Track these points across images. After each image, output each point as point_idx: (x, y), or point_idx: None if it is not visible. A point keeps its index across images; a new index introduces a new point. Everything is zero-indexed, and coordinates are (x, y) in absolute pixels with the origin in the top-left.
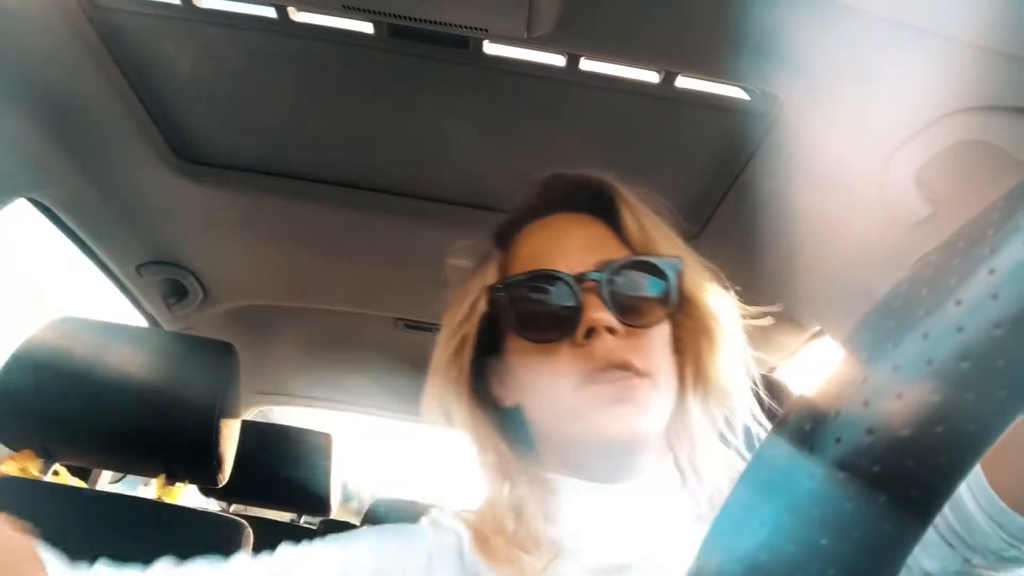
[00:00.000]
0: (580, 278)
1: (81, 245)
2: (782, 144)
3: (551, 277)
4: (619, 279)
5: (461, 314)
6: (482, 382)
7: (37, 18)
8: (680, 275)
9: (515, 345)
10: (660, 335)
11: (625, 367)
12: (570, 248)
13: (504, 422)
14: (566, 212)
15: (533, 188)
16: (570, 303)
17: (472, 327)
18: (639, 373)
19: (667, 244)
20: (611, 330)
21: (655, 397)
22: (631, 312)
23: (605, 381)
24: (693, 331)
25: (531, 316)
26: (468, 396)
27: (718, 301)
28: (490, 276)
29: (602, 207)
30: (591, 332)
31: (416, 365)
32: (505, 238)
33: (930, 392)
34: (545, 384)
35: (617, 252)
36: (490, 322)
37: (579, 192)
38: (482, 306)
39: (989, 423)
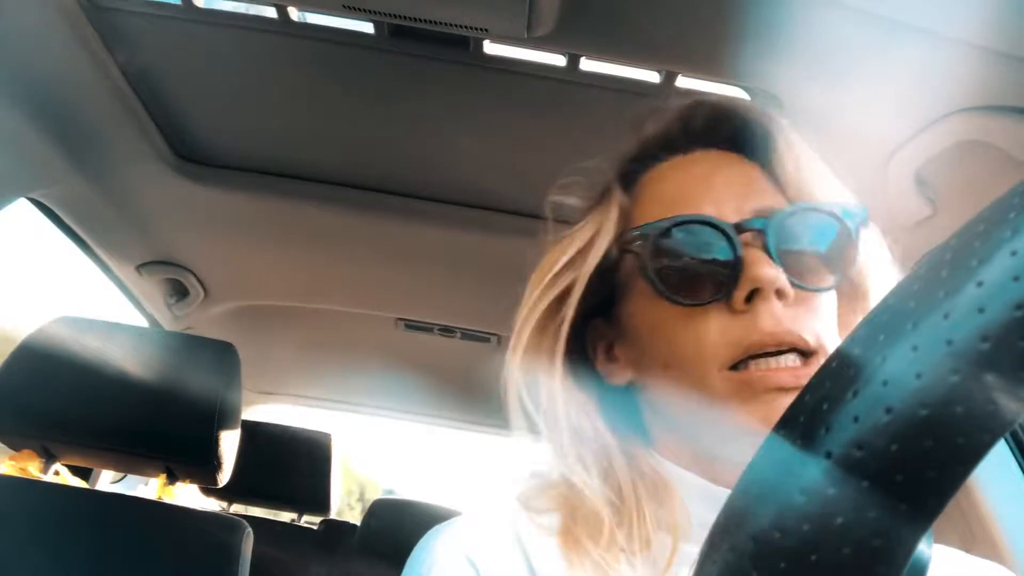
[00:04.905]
0: (740, 227)
1: (81, 245)
2: None
3: (703, 223)
4: (789, 229)
5: (566, 258)
6: (580, 353)
7: (37, 18)
8: (861, 228)
9: (642, 308)
10: (830, 302)
11: (796, 346)
12: (720, 192)
13: (606, 402)
14: (709, 149)
15: (669, 115)
16: (728, 257)
17: (582, 277)
18: (809, 353)
19: (835, 196)
20: (780, 293)
21: None
22: (803, 271)
23: (773, 364)
24: (851, 308)
25: (677, 271)
26: (562, 368)
27: (887, 277)
28: (611, 217)
29: (754, 144)
30: (754, 295)
31: (416, 365)
32: (629, 176)
33: (950, 372)
34: (688, 360)
35: (777, 200)
36: (601, 277)
37: (727, 124)
38: (600, 251)
39: (1007, 405)
